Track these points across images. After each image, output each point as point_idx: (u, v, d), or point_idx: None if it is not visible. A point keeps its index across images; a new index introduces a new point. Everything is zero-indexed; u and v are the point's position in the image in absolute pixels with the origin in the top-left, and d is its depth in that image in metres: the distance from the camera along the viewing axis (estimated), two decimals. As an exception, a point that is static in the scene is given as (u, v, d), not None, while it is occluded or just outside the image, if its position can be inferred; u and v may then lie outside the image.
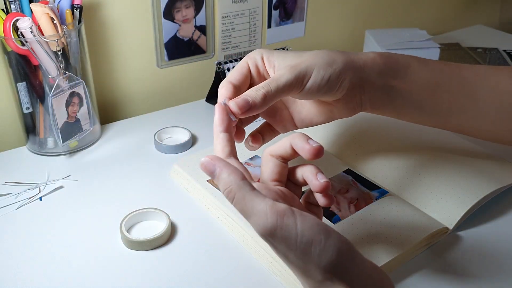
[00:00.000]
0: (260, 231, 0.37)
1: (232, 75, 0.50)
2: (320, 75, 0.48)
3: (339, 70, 0.49)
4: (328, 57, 0.49)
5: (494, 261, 0.51)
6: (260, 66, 0.50)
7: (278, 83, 0.47)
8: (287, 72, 0.47)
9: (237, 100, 0.45)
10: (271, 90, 0.46)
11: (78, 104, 0.66)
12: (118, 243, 0.53)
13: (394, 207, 0.55)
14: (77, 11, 0.65)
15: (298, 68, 0.47)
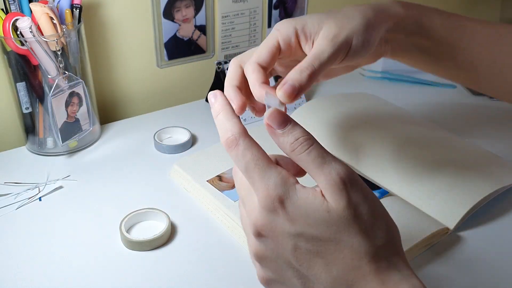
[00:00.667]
0: None
1: (261, 56, 0.45)
2: (359, 42, 0.47)
3: (375, 32, 0.48)
4: (363, 19, 0.48)
5: (495, 261, 0.51)
6: (292, 43, 0.47)
7: (321, 61, 0.44)
8: (328, 46, 0.45)
9: (285, 88, 0.42)
10: (316, 69, 0.44)
11: (78, 104, 0.66)
12: (117, 244, 0.53)
13: (394, 207, 0.55)
14: (77, 10, 0.65)
15: (339, 40, 0.45)
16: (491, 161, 0.63)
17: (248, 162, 0.36)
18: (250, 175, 0.36)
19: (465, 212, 0.54)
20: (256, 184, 0.36)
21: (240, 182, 0.39)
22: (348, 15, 0.48)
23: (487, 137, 0.72)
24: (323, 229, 0.35)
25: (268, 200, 0.35)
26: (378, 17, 0.49)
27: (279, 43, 0.46)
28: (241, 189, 0.39)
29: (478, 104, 0.83)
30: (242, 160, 0.36)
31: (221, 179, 0.60)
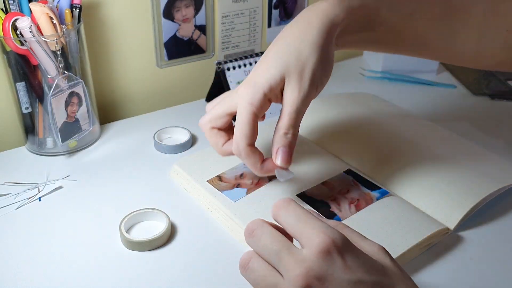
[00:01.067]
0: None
1: (248, 137, 0.49)
2: (322, 75, 0.50)
3: (331, 55, 0.51)
4: (317, 53, 0.49)
5: (495, 261, 0.51)
6: (267, 106, 0.51)
7: (297, 118, 0.49)
8: (298, 100, 0.49)
9: (281, 157, 0.49)
10: (296, 128, 0.49)
11: (78, 104, 0.66)
12: (117, 244, 0.52)
13: (395, 207, 0.55)
14: (77, 10, 0.65)
15: (305, 91, 0.49)
16: (491, 161, 0.63)
17: (299, 214, 0.39)
18: (302, 225, 0.38)
19: (466, 212, 0.54)
20: (311, 234, 0.37)
21: (273, 237, 0.39)
22: (302, 55, 0.49)
23: (487, 137, 0.72)
24: (381, 276, 0.37)
25: (325, 245, 0.36)
26: (328, 35, 0.50)
27: (256, 116, 0.50)
28: (275, 242, 0.39)
29: (478, 104, 0.83)
30: (293, 213, 0.39)
31: (221, 179, 0.60)
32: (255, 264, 0.39)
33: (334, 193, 0.57)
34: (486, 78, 0.90)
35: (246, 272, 0.40)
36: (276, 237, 0.39)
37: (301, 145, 0.66)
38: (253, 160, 0.50)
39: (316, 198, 0.56)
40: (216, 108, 0.53)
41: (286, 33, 0.51)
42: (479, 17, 0.55)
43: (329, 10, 0.50)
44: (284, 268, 0.37)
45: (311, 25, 0.50)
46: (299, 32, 0.50)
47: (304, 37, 0.49)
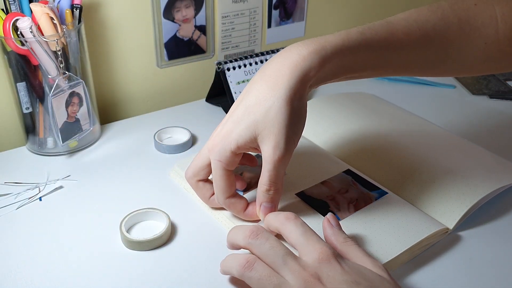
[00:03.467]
0: None
1: (225, 191, 0.51)
2: (297, 133, 0.49)
3: (304, 108, 0.49)
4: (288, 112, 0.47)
5: (494, 261, 0.51)
6: (238, 160, 0.50)
7: (279, 176, 0.49)
8: (276, 160, 0.47)
9: (262, 211, 0.50)
10: (278, 185, 0.49)
11: (78, 104, 0.66)
12: (118, 243, 0.53)
13: (394, 207, 0.55)
14: (77, 11, 0.65)
15: (281, 149, 0.47)
16: (490, 160, 0.63)
17: (306, 229, 0.45)
18: (308, 238, 0.44)
19: (465, 211, 0.54)
20: (314, 245, 0.43)
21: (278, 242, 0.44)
22: (273, 113, 0.46)
23: (487, 137, 0.72)
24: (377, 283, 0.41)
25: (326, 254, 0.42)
26: (299, 89, 0.47)
27: (227, 170, 0.50)
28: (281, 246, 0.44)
29: (477, 104, 0.83)
30: (301, 227, 0.45)
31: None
32: (260, 264, 0.42)
33: (333, 193, 0.57)
34: (485, 78, 0.90)
35: (251, 272, 0.42)
36: (281, 243, 0.44)
37: (300, 144, 0.66)
38: (236, 210, 0.53)
39: (315, 198, 0.56)
40: (196, 161, 0.53)
41: (255, 85, 0.49)
42: (456, 38, 0.53)
43: (301, 63, 0.47)
44: (289, 271, 0.42)
45: (282, 79, 0.47)
46: (270, 85, 0.47)
47: (274, 92, 0.47)
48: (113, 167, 0.66)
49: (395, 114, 0.74)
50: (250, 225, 0.46)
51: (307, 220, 0.53)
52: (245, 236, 0.45)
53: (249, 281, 0.42)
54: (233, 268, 0.44)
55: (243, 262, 0.43)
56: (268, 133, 0.47)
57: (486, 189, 0.56)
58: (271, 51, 0.79)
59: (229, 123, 0.49)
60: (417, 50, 0.53)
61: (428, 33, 0.52)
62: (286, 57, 0.48)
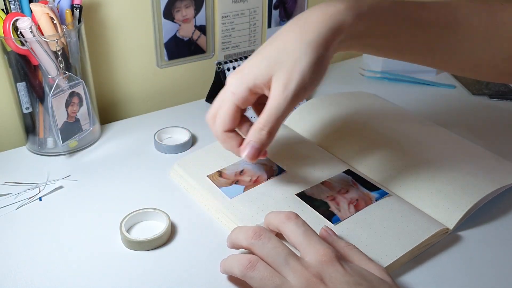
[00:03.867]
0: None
1: (225, 124, 0.51)
2: (312, 80, 0.47)
3: (326, 60, 0.48)
4: (313, 55, 0.47)
5: (494, 261, 0.51)
6: (250, 99, 0.50)
7: (277, 115, 0.47)
8: (281, 99, 0.47)
9: (248, 151, 0.49)
10: (273, 125, 0.48)
11: (78, 104, 0.66)
12: (118, 243, 0.53)
13: (394, 208, 0.55)
14: (77, 11, 0.65)
15: (291, 90, 0.46)
16: (490, 160, 0.63)
17: (308, 229, 0.46)
18: (309, 238, 0.44)
19: (465, 212, 0.54)
20: (316, 246, 0.44)
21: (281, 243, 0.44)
22: (295, 55, 0.47)
23: (487, 137, 0.72)
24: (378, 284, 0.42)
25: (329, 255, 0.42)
26: (328, 40, 0.47)
27: (237, 106, 0.50)
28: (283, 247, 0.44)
29: (477, 104, 0.83)
30: (303, 227, 0.46)
31: (221, 175, 0.60)
32: (262, 265, 0.43)
33: (334, 193, 0.57)
34: (485, 78, 0.90)
35: (253, 272, 0.43)
36: (283, 244, 0.44)
37: (300, 144, 0.66)
38: (229, 145, 0.52)
39: (315, 198, 0.56)
40: (222, 110, 0.52)
41: (285, 30, 0.49)
42: (481, 26, 0.54)
43: (337, 15, 0.47)
44: (291, 271, 0.42)
45: (313, 26, 0.47)
46: (299, 30, 0.47)
47: (302, 36, 0.47)
48: (113, 167, 0.66)
49: (395, 113, 0.74)
50: (252, 226, 0.46)
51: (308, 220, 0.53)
52: (248, 237, 0.45)
53: (251, 281, 0.43)
54: (235, 268, 0.44)
55: (245, 262, 0.43)
56: (284, 71, 0.47)
57: (486, 189, 0.56)
58: (271, 51, 0.79)
59: (252, 60, 0.49)
60: (442, 28, 0.53)
61: (458, 17, 0.53)
62: (322, 8, 0.48)
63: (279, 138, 0.68)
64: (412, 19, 0.51)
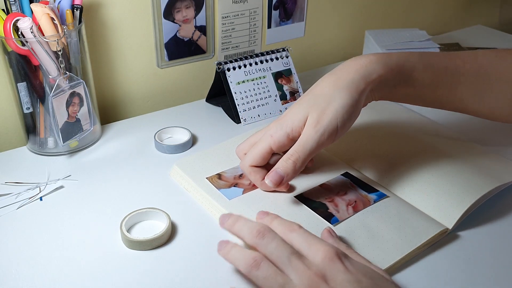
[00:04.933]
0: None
1: (254, 160, 0.54)
2: (344, 121, 0.52)
3: (359, 103, 0.53)
4: (346, 98, 0.51)
5: (493, 260, 0.51)
6: (285, 145, 0.53)
7: (306, 148, 0.51)
8: (312, 133, 0.51)
9: (271, 177, 0.52)
10: (300, 156, 0.51)
11: (79, 104, 0.66)
12: (118, 243, 0.53)
13: (392, 209, 0.55)
14: (78, 11, 0.65)
15: (321, 125, 0.51)
16: (489, 159, 0.63)
17: (310, 234, 0.46)
18: (311, 238, 0.45)
19: (464, 211, 0.54)
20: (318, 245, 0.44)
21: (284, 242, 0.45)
22: (330, 97, 0.52)
23: (487, 136, 0.72)
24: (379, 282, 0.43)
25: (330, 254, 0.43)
26: (361, 85, 0.53)
27: (271, 148, 0.54)
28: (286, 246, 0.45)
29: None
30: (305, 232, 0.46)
31: (221, 178, 0.60)
32: (266, 264, 0.43)
33: (332, 195, 0.57)
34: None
35: (258, 271, 0.43)
36: (286, 243, 0.45)
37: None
38: (254, 178, 0.56)
39: (314, 200, 0.56)
40: (256, 148, 0.55)
41: (322, 80, 0.54)
42: (507, 73, 0.58)
43: (368, 65, 0.54)
44: (294, 269, 0.42)
45: (347, 74, 0.53)
46: (334, 78, 0.53)
47: (337, 83, 0.52)
48: (114, 167, 0.66)
49: (395, 113, 0.74)
50: (256, 223, 0.46)
51: (307, 222, 0.53)
52: (252, 235, 0.45)
53: (255, 279, 0.43)
54: (240, 264, 0.44)
55: (250, 261, 0.44)
56: (318, 109, 0.51)
57: (485, 187, 0.56)
58: (271, 51, 0.80)
59: (292, 108, 0.54)
60: (469, 74, 0.57)
61: (483, 64, 0.58)
62: (356, 60, 0.55)
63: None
64: (440, 67, 0.57)
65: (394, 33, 0.96)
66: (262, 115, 0.77)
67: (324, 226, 0.52)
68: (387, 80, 0.54)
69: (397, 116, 0.73)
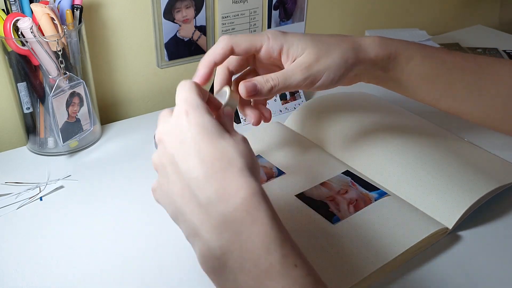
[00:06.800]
0: None
1: (233, 61, 0.53)
2: (330, 78, 0.52)
3: (348, 71, 0.53)
4: (341, 59, 0.52)
5: (494, 260, 0.51)
6: (274, 55, 0.52)
7: (287, 81, 0.50)
8: (299, 72, 0.50)
9: (247, 83, 0.49)
10: (279, 84, 0.50)
11: (79, 104, 0.66)
12: (118, 243, 0.53)
13: (393, 207, 0.55)
14: (77, 11, 0.65)
15: (310, 72, 0.50)
16: (489, 160, 0.63)
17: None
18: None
19: (464, 211, 0.54)
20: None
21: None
22: (329, 48, 0.52)
23: (486, 137, 0.72)
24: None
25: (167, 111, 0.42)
26: (356, 58, 0.53)
27: (262, 48, 0.51)
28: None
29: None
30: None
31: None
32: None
33: (333, 194, 0.57)
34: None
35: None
36: (166, 151, 0.41)
37: (300, 145, 0.67)
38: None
39: (315, 199, 0.56)
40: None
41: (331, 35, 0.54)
42: (506, 77, 0.57)
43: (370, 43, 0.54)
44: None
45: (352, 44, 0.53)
46: (341, 40, 0.53)
47: (342, 46, 0.53)
48: (114, 167, 0.66)
49: (395, 113, 0.74)
50: (158, 148, 0.42)
51: (308, 221, 0.53)
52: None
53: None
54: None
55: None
56: (313, 55, 0.51)
57: (485, 188, 0.56)
58: (271, 52, 0.80)
59: (296, 34, 0.53)
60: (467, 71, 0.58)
61: (482, 64, 0.58)
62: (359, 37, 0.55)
63: (278, 138, 0.68)
64: (436, 57, 0.57)
65: (394, 33, 0.96)
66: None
67: (325, 225, 0.52)
68: (383, 61, 0.55)
69: (398, 117, 0.73)
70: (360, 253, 0.49)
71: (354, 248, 0.50)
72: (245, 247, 0.34)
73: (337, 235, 0.51)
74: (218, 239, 0.35)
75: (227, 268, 0.35)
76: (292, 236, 0.45)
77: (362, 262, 0.48)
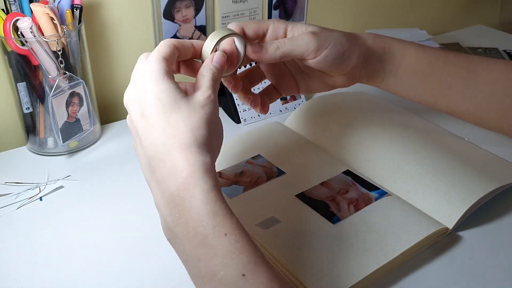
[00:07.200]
0: None
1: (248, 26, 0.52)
2: (336, 48, 0.52)
3: (352, 48, 0.54)
4: (344, 37, 0.53)
5: (494, 261, 0.51)
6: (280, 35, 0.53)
7: (294, 44, 0.51)
8: (306, 37, 0.51)
9: (253, 45, 0.50)
10: (286, 48, 0.50)
11: (78, 104, 0.66)
12: (118, 243, 0.53)
13: (393, 207, 0.55)
14: (77, 11, 0.65)
15: (317, 37, 0.51)
16: (489, 160, 0.63)
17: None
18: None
19: (464, 211, 0.54)
20: None
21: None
22: (331, 30, 0.54)
23: (487, 137, 0.72)
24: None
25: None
26: (355, 43, 0.55)
27: (269, 29, 0.52)
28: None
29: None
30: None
31: (221, 176, 0.60)
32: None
33: (333, 194, 0.57)
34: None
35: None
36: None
37: (299, 145, 0.67)
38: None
39: (315, 199, 0.56)
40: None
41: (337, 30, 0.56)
42: (500, 76, 0.58)
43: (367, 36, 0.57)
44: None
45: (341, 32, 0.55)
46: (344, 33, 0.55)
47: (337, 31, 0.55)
48: (114, 167, 0.66)
49: (395, 113, 0.74)
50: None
51: (308, 221, 0.53)
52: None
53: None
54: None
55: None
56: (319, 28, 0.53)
57: (485, 188, 0.56)
58: (271, 51, 0.80)
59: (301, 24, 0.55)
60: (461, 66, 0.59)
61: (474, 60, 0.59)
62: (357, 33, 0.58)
63: (278, 138, 0.68)
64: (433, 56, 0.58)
65: (395, 33, 0.96)
66: (262, 115, 0.77)
67: (326, 225, 0.52)
68: (377, 52, 0.56)
69: (398, 117, 0.73)
70: (360, 253, 0.49)
71: (354, 248, 0.49)
72: (187, 221, 0.39)
73: (337, 235, 0.51)
74: (170, 214, 0.40)
75: (177, 239, 0.40)
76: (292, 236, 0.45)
77: (362, 262, 0.48)
